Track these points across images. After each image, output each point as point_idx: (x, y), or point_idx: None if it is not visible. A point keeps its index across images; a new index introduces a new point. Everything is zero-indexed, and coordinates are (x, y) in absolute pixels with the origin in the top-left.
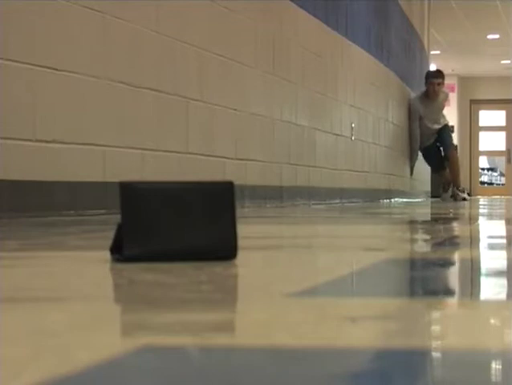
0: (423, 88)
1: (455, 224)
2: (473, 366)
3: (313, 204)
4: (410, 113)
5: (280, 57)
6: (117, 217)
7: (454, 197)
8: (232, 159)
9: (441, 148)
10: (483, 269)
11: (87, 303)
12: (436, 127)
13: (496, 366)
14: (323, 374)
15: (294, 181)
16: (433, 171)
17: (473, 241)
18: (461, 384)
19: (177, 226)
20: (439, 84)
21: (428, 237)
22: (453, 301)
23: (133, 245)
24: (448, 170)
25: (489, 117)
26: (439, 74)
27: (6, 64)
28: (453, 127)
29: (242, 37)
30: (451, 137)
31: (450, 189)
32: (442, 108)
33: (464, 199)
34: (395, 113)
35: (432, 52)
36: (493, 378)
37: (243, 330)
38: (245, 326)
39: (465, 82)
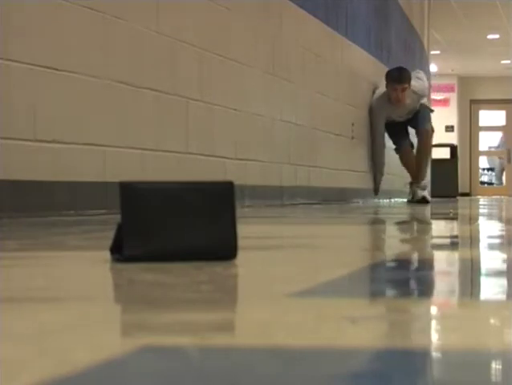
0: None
1: (455, 224)
2: (473, 366)
3: (313, 204)
4: (371, 121)
5: (280, 57)
6: (117, 217)
7: (412, 196)
8: (232, 159)
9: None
10: (483, 269)
11: (87, 303)
12: (409, 117)
13: (496, 366)
14: (323, 374)
15: (294, 181)
16: (396, 149)
17: (473, 241)
18: (461, 384)
19: (177, 226)
20: (404, 90)
21: (428, 237)
22: (453, 301)
23: (133, 245)
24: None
25: (489, 117)
26: (404, 76)
27: (6, 64)
28: (452, 127)
29: (242, 37)
30: (428, 116)
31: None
32: (416, 106)
33: (423, 198)
34: None
35: (432, 52)
36: (493, 379)
37: (243, 330)
38: (245, 326)
39: (465, 82)
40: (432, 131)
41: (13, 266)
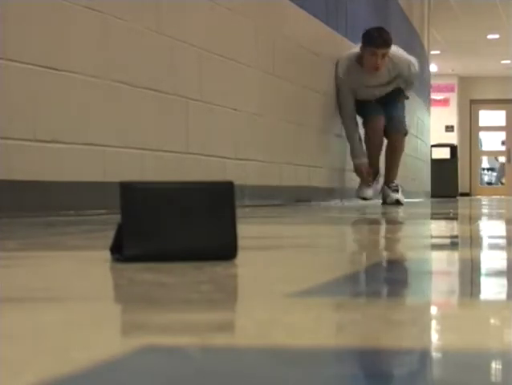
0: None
1: (455, 224)
2: (472, 367)
3: (313, 204)
4: (338, 92)
5: (280, 57)
6: (117, 217)
7: (383, 199)
8: (232, 159)
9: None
10: (483, 269)
11: (86, 303)
12: (387, 90)
13: (496, 366)
14: (323, 375)
15: (294, 181)
16: (364, 121)
17: (473, 241)
18: (461, 384)
19: (177, 226)
20: (384, 56)
21: (428, 236)
22: (452, 301)
23: (133, 245)
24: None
25: (489, 117)
26: (388, 39)
27: (6, 64)
28: (452, 127)
29: (242, 37)
30: (402, 115)
31: (374, 185)
32: (391, 81)
33: (397, 202)
34: None
35: (432, 52)
36: (493, 379)
37: (243, 330)
38: (245, 326)
39: (465, 82)
40: (405, 134)
41: (13, 266)
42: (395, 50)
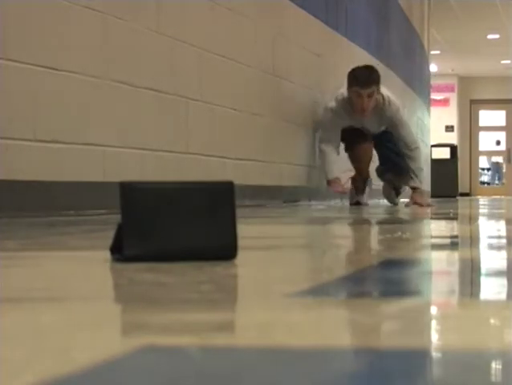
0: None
1: (455, 224)
2: (472, 367)
3: (313, 204)
4: (326, 116)
5: (280, 57)
6: (117, 217)
7: (391, 200)
8: (232, 159)
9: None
10: (483, 269)
11: (87, 303)
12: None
13: (496, 366)
14: (323, 375)
15: (294, 181)
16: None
17: (473, 240)
18: (461, 384)
19: (177, 226)
20: (370, 96)
21: (428, 236)
22: (453, 301)
23: (133, 245)
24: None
25: (489, 117)
26: (371, 77)
27: (6, 64)
28: (452, 127)
29: (242, 37)
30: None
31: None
32: (383, 124)
33: (395, 204)
34: None
35: (432, 52)
36: (493, 379)
37: (243, 330)
38: (245, 326)
39: (465, 82)
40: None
41: (13, 266)
42: (388, 93)
